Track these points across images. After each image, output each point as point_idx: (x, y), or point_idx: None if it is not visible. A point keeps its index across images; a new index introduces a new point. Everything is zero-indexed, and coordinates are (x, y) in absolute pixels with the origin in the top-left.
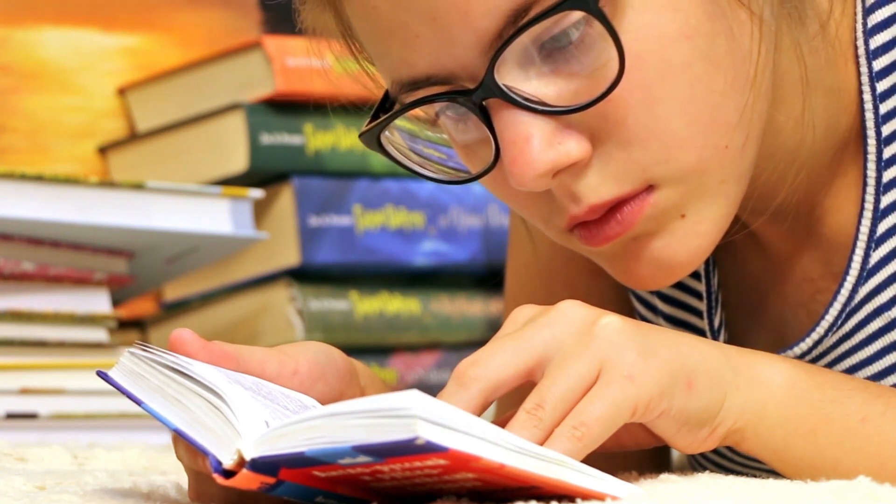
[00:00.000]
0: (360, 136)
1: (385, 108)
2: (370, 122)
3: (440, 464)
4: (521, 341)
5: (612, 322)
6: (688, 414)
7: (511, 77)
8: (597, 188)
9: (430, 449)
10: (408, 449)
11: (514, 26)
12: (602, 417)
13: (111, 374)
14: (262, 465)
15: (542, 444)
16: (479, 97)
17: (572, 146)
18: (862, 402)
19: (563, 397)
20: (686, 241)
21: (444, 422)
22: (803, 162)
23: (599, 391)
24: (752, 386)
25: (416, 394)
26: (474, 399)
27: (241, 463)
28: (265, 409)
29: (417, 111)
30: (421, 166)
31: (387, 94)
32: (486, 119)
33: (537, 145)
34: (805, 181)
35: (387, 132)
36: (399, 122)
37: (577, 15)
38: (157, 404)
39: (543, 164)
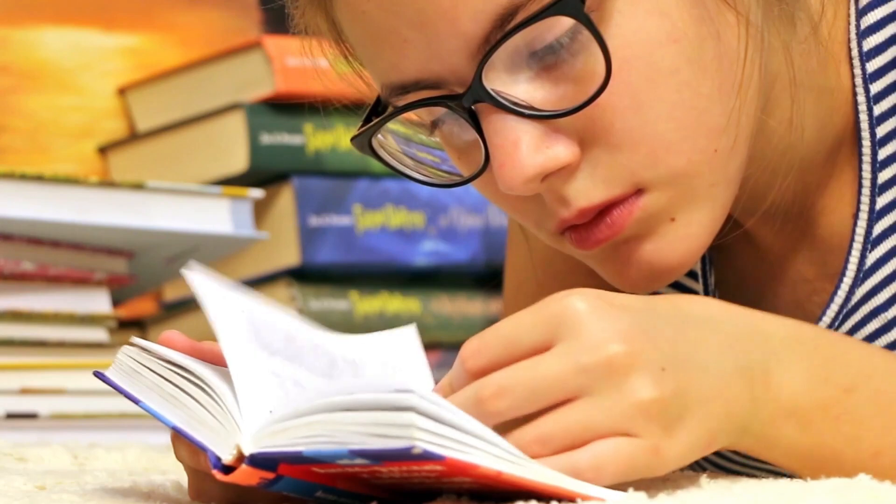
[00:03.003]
0: (351, 140)
1: (377, 112)
2: (362, 126)
3: (437, 469)
4: (554, 380)
5: (644, 378)
6: (689, 458)
7: (499, 81)
8: (586, 192)
9: (427, 457)
10: (404, 456)
11: (501, 31)
12: (617, 475)
13: (108, 373)
14: (260, 461)
15: None
16: (468, 101)
17: (561, 150)
18: (876, 435)
19: (573, 441)
20: (676, 244)
21: (441, 431)
22: (794, 163)
23: (627, 450)
24: (767, 445)
25: (414, 398)
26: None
27: (240, 458)
28: (278, 390)
29: (410, 115)
30: (414, 170)
31: (379, 98)
32: (476, 123)
33: (525, 149)
34: (798, 182)
35: (380, 136)
36: (392, 125)
37: (565, 22)
38: (154, 402)
39: (532, 168)
